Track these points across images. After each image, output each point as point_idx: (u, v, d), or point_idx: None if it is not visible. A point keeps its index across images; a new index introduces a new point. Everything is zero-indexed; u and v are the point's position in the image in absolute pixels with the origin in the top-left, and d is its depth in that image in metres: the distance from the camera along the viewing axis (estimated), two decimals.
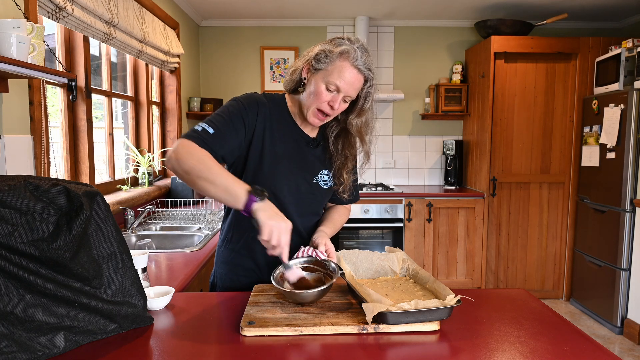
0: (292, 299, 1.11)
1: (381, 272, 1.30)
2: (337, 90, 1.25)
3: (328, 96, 1.26)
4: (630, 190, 3.19)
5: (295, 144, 1.36)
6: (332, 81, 1.24)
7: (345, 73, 1.23)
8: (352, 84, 1.25)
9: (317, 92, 1.26)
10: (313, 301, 1.10)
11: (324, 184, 1.39)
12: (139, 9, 2.77)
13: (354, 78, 1.24)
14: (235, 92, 4.36)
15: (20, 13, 1.65)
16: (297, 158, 1.35)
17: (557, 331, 1.01)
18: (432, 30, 4.35)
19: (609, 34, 4.30)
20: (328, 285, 1.09)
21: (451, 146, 4.21)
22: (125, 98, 3.03)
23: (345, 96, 1.26)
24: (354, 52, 1.23)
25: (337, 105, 1.27)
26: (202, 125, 1.23)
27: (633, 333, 3.16)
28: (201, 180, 1.13)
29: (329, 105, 1.27)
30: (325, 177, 1.40)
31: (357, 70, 1.24)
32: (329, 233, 1.37)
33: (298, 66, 1.32)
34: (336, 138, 1.39)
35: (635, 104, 3.12)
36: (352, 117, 1.33)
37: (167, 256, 1.85)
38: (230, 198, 1.12)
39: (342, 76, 1.23)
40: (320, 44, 1.29)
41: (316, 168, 1.39)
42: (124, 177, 2.89)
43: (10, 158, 1.65)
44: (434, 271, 3.94)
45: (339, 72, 1.23)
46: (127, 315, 1.00)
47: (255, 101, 1.31)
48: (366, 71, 1.25)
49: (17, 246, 0.85)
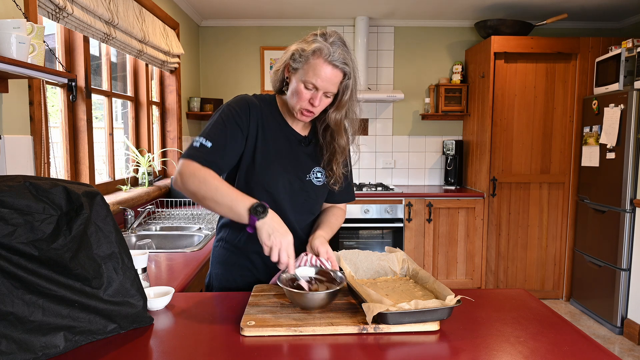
0: (301, 301, 1.07)
1: (381, 272, 1.30)
2: (315, 88, 1.25)
3: (308, 94, 1.26)
4: (630, 190, 3.19)
5: (287, 142, 1.37)
6: (308, 80, 1.24)
7: (320, 71, 1.23)
8: (330, 79, 1.24)
9: (297, 91, 1.27)
10: (322, 305, 1.08)
11: (317, 181, 1.40)
12: (139, 9, 2.77)
13: (330, 74, 1.23)
14: (235, 92, 4.36)
15: (20, 13, 1.65)
16: (290, 157, 1.36)
17: (557, 331, 1.01)
18: (432, 30, 4.35)
19: (609, 34, 4.30)
20: (337, 289, 1.07)
21: (451, 146, 4.21)
22: (125, 98, 3.03)
23: (325, 92, 1.27)
24: (327, 49, 1.22)
25: (317, 102, 1.27)
26: (200, 140, 1.25)
27: (633, 333, 3.16)
28: (207, 200, 1.18)
29: (309, 103, 1.27)
30: (318, 175, 1.40)
31: (332, 67, 1.23)
32: (327, 237, 1.37)
33: (279, 67, 1.34)
34: (324, 131, 1.38)
35: (635, 104, 3.12)
36: (330, 111, 1.32)
37: (167, 256, 1.85)
38: (235, 217, 1.17)
39: (317, 74, 1.23)
40: (296, 43, 1.30)
41: (309, 166, 1.39)
42: (124, 177, 2.89)
43: (10, 158, 1.65)
44: (434, 271, 3.94)
45: (313, 71, 1.23)
46: (127, 315, 1.00)
47: (247, 103, 1.33)
48: (342, 65, 1.24)
49: (17, 246, 0.85)
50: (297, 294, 1.06)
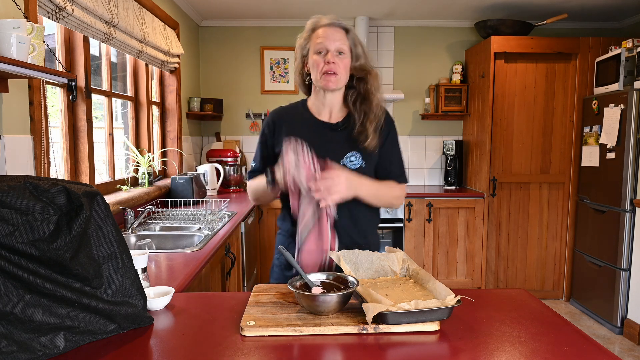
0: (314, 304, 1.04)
1: (381, 272, 1.30)
2: (325, 50, 1.38)
3: (322, 59, 1.39)
4: (630, 190, 3.19)
5: (315, 134, 1.46)
6: (316, 47, 1.39)
7: (321, 34, 1.39)
8: (332, 36, 1.38)
9: (314, 62, 1.41)
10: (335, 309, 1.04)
11: (351, 164, 1.44)
12: (139, 9, 2.77)
13: (331, 32, 1.38)
14: (235, 92, 4.36)
15: (20, 13, 1.65)
16: (318, 144, 1.41)
17: (557, 331, 1.01)
18: (432, 30, 4.35)
19: (609, 34, 4.30)
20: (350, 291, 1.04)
21: (451, 146, 4.21)
22: (125, 98, 3.03)
23: (336, 50, 1.38)
24: (318, 19, 1.41)
25: (333, 59, 1.37)
26: (252, 163, 1.59)
27: (633, 333, 3.16)
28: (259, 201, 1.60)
29: (326, 63, 1.38)
30: (352, 159, 1.44)
31: (329, 26, 1.39)
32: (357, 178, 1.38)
33: (296, 66, 1.50)
34: (354, 103, 1.48)
35: (635, 104, 3.12)
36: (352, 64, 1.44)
37: (167, 256, 1.85)
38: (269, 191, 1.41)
39: (319, 36, 1.39)
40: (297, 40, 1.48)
41: (342, 151, 1.44)
42: (124, 177, 2.89)
43: (10, 158, 1.65)
44: (434, 271, 3.94)
45: (316, 38, 1.40)
46: (127, 315, 1.00)
47: (270, 116, 1.54)
48: (338, 22, 1.40)
49: (17, 246, 0.85)
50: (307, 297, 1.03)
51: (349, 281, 1.12)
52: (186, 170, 3.83)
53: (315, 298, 1.03)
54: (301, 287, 1.11)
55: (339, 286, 1.13)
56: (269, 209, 3.82)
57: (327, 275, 1.18)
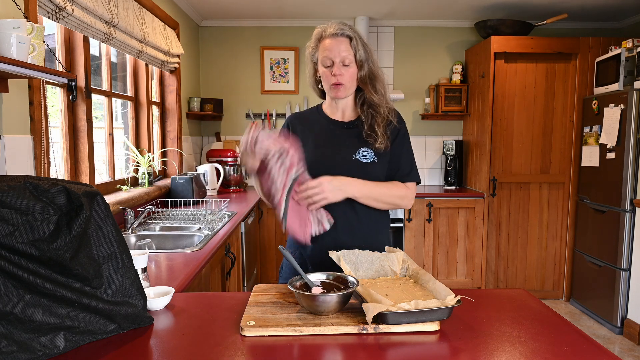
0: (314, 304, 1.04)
1: (381, 272, 1.30)
2: (331, 62, 1.45)
3: (329, 71, 1.46)
4: (630, 190, 3.19)
5: (328, 133, 1.54)
6: (323, 60, 1.46)
7: (327, 46, 1.45)
8: (337, 47, 1.43)
9: (323, 74, 1.49)
10: (336, 309, 1.04)
11: (363, 158, 1.48)
12: (139, 9, 2.77)
13: (335, 43, 1.44)
14: (235, 92, 4.36)
15: (20, 13, 1.65)
16: (332, 143, 1.52)
17: (557, 331, 1.01)
18: (432, 30, 4.35)
19: (609, 34, 4.30)
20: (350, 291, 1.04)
21: (451, 146, 4.21)
22: (125, 98, 3.03)
23: (341, 61, 1.44)
24: (324, 28, 1.46)
25: (338, 71, 1.44)
26: None
27: (633, 333, 3.16)
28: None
29: (333, 76, 1.45)
30: (364, 153, 1.49)
31: (333, 37, 1.44)
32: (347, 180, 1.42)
33: (309, 71, 1.58)
34: (362, 106, 1.55)
35: (635, 104, 3.12)
36: (357, 73, 1.50)
37: (167, 256, 1.85)
38: None
39: (326, 49, 1.45)
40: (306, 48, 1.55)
41: (355, 147, 1.50)
42: (124, 177, 2.89)
43: (10, 158, 1.65)
44: (434, 271, 3.94)
45: (322, 50, 1.46)
46: (127, 315, 1.00)
47: (285, 123, 1.62)
48: (341, 31, 1.44)
49: (17, 246, 0.85)
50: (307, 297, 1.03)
51: (349, 281, 1.12)
52: (186, 170, 3.83)
53: (315, 298, 1.03)
54: (301, 287, 1.11)
55: (339, 286, 1.13)
56: (269, 209, 3.81)
57: (327, 275, 1.18)
